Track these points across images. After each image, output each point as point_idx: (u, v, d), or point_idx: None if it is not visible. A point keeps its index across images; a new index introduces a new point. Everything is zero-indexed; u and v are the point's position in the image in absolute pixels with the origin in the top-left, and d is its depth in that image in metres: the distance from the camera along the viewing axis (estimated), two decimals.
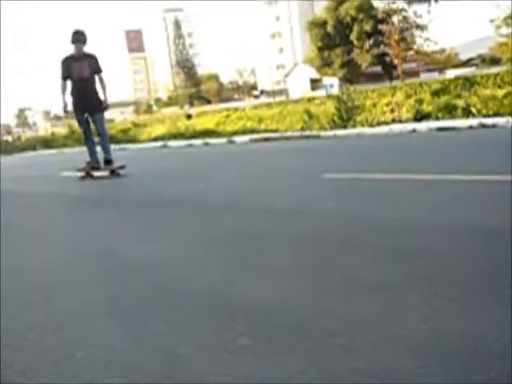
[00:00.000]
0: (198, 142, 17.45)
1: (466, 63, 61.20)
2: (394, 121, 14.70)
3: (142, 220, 4.82)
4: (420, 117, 14.21)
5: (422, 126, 12.32)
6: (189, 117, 32.19)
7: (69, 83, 8.83)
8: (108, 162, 9.00)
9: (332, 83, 54.63)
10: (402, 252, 2.92)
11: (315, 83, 67.48)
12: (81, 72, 8.74)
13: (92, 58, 8.87)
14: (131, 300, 2.58)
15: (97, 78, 8.89)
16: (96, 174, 9.00)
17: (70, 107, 8.92)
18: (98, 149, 9.21)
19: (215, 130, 21.01)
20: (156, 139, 22.57)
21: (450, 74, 38.59)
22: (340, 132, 13.95)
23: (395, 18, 50.37)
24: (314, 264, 2.89)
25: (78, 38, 8.72)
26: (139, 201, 6.08)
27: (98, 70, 8.89)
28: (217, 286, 2.67)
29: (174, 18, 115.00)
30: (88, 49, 8.92)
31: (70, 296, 2.74)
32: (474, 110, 13.24)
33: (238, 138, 16.30)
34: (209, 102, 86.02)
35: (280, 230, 3.79)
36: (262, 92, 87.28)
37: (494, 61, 46.06)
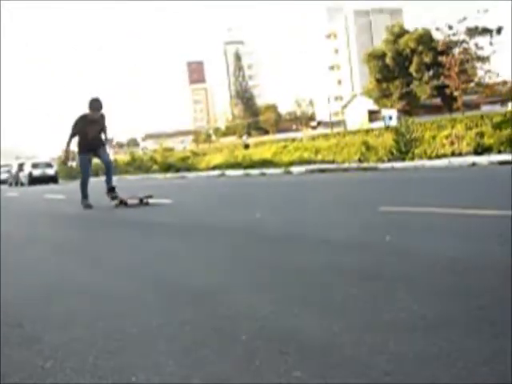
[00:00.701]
0: (254, 171, 17.59)
1: None
2: (453, 154, 14.44)
3: (198, 247, 4.88)
4: (481, 150, 13.92)
5: (483, 159, 12.05)
6: (246, 147, 32.57)
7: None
8: (112, 189, 9.96)
9: (390, 115, 54.25)
10: (461, 290, 2.85)
11: (373, 115, 67.19)
12: (94, 132, 10.17)
13: (102, 118, 10.28)
14: (184, 324, 2.60)
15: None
16: (130, 201, 9.56)
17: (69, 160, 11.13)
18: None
19: (272, 161, 21.15)
20: (214, 168, 22.90)
21: None
22: (398, 164, 13.78)
23: (456, 50, 49.70)
24: (369, 299, 2.85)
25: (98, 106, 10.05)
26: (193, 227, 6.16)
27: (104, 127, 10.40)
28: (270, 317, 2.67)
29: (235, 51, 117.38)
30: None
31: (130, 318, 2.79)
32: None
33: (295, 169, 16.34)
34: (266, 132, 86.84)
35: (335, 262, 3.76)
36: (319, 123, 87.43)
37: None
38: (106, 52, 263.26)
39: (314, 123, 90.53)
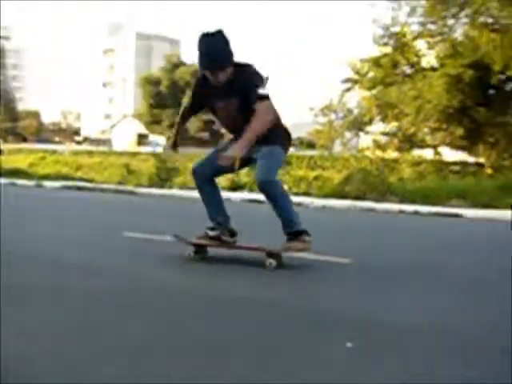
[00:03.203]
0: (3, 180, 16.33)
1: None
2: None
3: None
4: (235, 187, 14.80)
5: (236, 196, 12.80)
6: None
7: None
8: None
9: (159, 142, 55.06)
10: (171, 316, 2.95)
11: (143, 138, 67.52)
12: None
13: None
14: None
15: None
16: None
17: None
18: None
19: (26, 171, 19.86)
20: None
21: None
22: (156, 191, 14.01)
23: None
24: (90, 323, 2.80)
25: None
26: None
27: None
28: None
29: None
30: None
31: None
32: (285, 187, 14.13)
33: (50, 183, 15.61)
34: (25, 139, 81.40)
35: (67, 285, 3.64)
36: (85, 139, 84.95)
37: (311, 145, 49.93)
38: None
39: (78, 138, 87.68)
